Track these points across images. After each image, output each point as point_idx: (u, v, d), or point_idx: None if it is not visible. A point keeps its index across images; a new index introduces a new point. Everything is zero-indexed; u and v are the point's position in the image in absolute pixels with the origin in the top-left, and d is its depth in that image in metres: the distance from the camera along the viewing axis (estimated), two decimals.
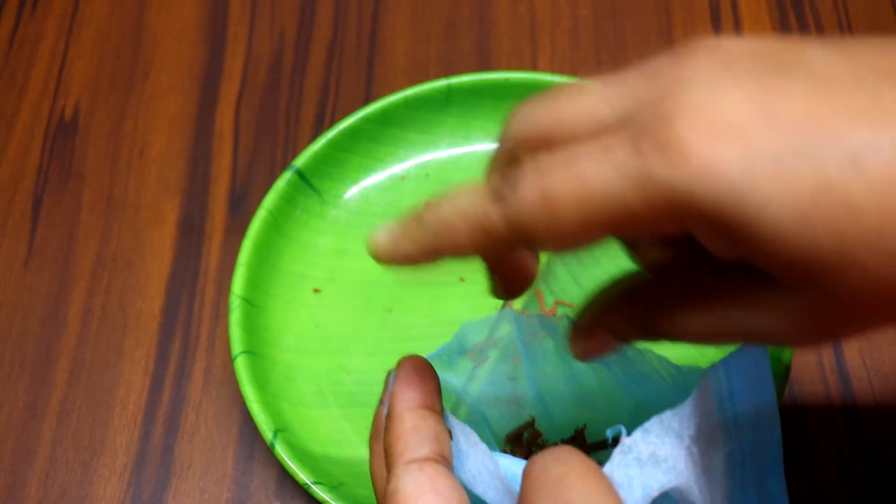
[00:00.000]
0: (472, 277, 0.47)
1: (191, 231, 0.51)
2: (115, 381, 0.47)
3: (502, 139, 0.29)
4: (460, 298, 0.47)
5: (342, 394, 0.45)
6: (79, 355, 0.48)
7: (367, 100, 0.54)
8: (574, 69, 0.55)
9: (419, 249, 0.29)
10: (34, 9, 0.59)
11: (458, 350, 0.40)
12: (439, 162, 0.51)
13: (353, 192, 0.50)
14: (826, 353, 0.46)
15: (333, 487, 0.40)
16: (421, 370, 0.32)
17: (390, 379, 0.32)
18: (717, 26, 0.56)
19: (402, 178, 0.50)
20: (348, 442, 0.44)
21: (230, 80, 0.56)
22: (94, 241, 0.51)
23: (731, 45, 0.25)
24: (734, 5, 0.57)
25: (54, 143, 0.54)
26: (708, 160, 0.23)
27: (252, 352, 0.43)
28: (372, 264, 0.48)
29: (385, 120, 0.50)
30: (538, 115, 0.28)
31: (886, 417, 0.45)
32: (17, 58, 0.57)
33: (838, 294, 0.24)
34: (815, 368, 0.46)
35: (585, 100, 0.27)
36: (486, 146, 0.51)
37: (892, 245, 0.23)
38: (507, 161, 0.29)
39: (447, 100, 0.50)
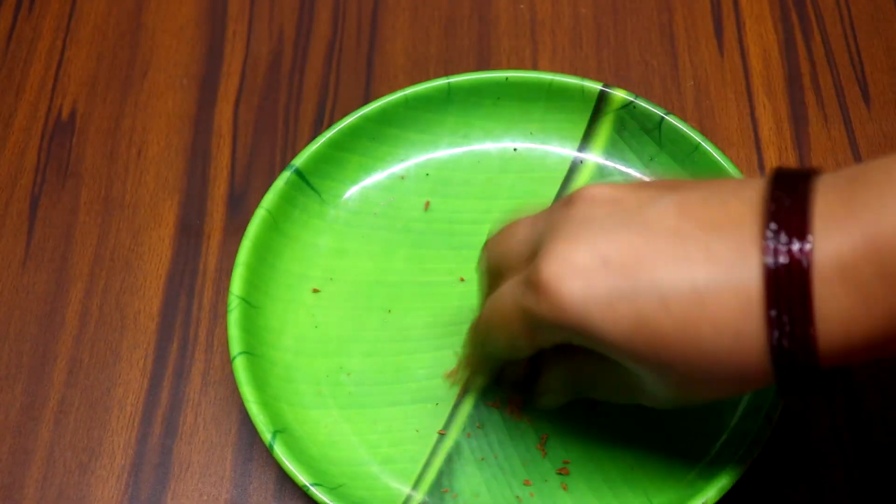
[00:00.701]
0: (471, 277, 0.47)
1: (189, 231, 0.51)
2: (112, 381, 0.47)
3: (481, 267, 0.41)
4: (460, 298, 0.47)
5: (341, 394, 0.45)
6: (76, 356, 0.48)
7: (367, 99, 0.54)
8: (574, 68, 0.55)
9: (474, 376, 0.45)
10: (31, 8, 0.59)
11: None
12: (439, 161, 0.50)
13: (352, 191, 0.50)
14: None
15: (332, 489, 0.40)
16: None
17: None
18: (718, 25, 0.56)
19: (401, 177, 0.50)
20: (347, 443, 0.43)
21: (229, 79, 0.56)
22: (92, 241, 0.51)
23: (599, 194, 0.34)
24: (735, 4, 0.57)
25: (52, 142, 0.54)
26: (560, 295, 0.32)
27: (251, 352, 0.43)
28: (371, 264, 0.48)
29: (385, 119, 0.49)
30: (492, 253, 0.40)
31: (888, 419, 0.45)
32: (14, 57, 0.57)
33: (666, 382, 0.34)
34: None
35: (516, 238, 0.37)
36: (486, 146, 0.51)
37: (694, 360, 0.32)
38: (489, 284, 0.40)
39: (447, 99, 0.50)
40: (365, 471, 0.43)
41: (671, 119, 0.48)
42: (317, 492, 0.40)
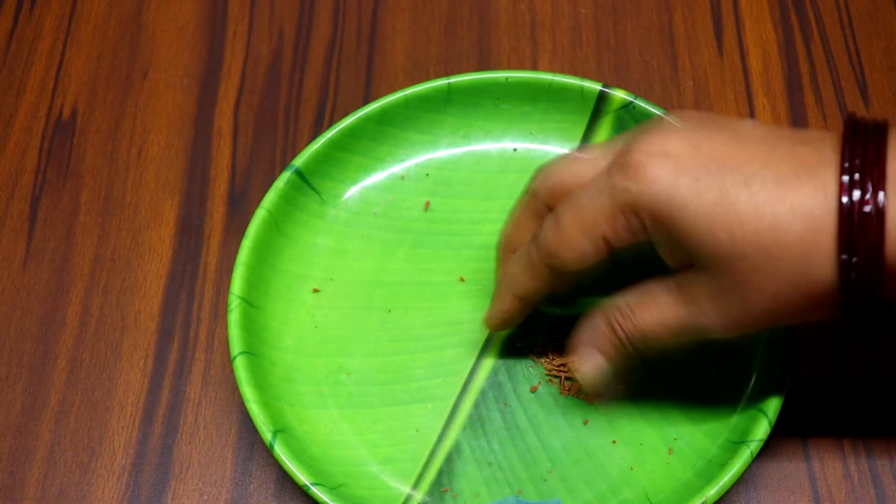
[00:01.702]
0: (471, 277, 0.47)
1: (189, 231, 0.51)
2: (113, 381, 0.47)
3: (531, 190, 0.41)
4: (460, 298, 0.47)
5: (341, 394, 0.45)
6: (77, 356, 0.48)
7: (367, 99, 0.54)
8: (574, 68, 0.55)
9: (512, 307, 0.42)
10: (32, 8, 0.59)
11: None
12: (439, 161, 0.50)
13: (352, 191, 0.50)
14: (826, 354, 0.46)
15: (333, 488, 0.40)
16: None
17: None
18: (717, 26, 0.56)
19: (401, 177, 0.50)
20: (347, 442, 0.43)
21: (229, 80, 0.56)
22: (93, 241, 0.51)
23: (687, 115, 0.37)
24: (735, 4, 0.57)
25: (52, 142, 0.54)
26: (651, 174, 0.35)
27: (251, 352, 0.43)
28: (371, 264, 0.48)
29: (385, 119, 0.49)
30: (560, 173, 0.40)
31: (889, 421, 0.45)
32: (15, 57, 0.57)
33: (736, 277, 0.34)
34: (815, 367, 0.46)
35: (587, 159, 0.39)
36: (486, 146, 0.51)
37: (767, 245, 0.33)
38: (535, 210, 0.41)
39: (447, 99, 0.50)
40: (365, 470, 0.43)
41: (671, 119, 0.48)
42: (317, 491, 0.40)
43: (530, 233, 0.41)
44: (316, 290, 0.47)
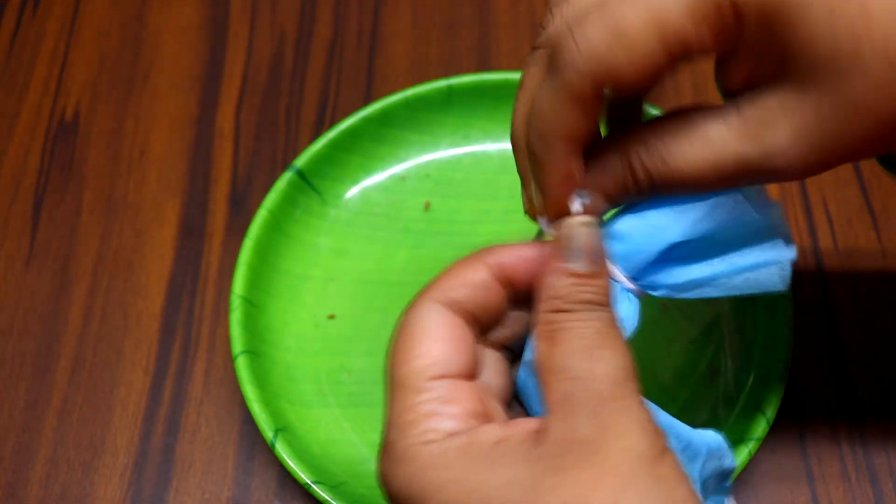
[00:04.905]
0: None
1: (191, 231, 0.51)
2: (115, 380, 0.47)
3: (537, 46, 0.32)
4: None
5: (342, 393, 0.45)
6: (79, 355, 0.48)
7: (368, 100, 0.54)
8: None
9: (555, 161, 0.30)
10: (35, 10, 0.59)
11: None
12: (440, 162, 0.51)
13: (353, 192, 0.50)
14: (826, 354, 0.46)
15: (334, 487, 0.40)
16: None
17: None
18: None
19: (402, 178, 0.50)
20: (349, 441, 0.44)
21: (231, 81, 0.56)
22: (95, 241, 0.51)
23: None
24: None
25: (55, 143, 0.54)
26: None
27: (252, 351, 0.43)
28: (372, 264, 0.48)
29: (385, 120, 0.50)
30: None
31: (886, 419, 0.45)
32: (18, 59, 0.57)
33: (846, 93, 0.27)
34: (815, 367, 0.46)
35: None
36: (486, 146, 0.51)
37: (872, 45, 0.26)
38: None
39: (447, 100, 0.50)
40: (366, 469, 0.43)
41: None
42: (318, 490, 0.40)
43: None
44: (317, 291, 0.47)
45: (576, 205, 0.30)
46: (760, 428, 0.40)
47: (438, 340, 0.29)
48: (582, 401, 0.27)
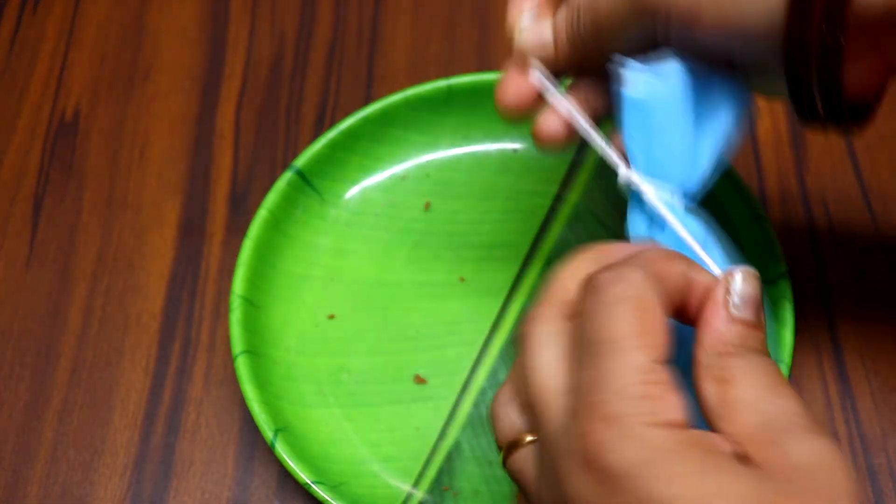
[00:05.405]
0: (471, 277, 0.47)
1: (191, 231, 0.51)
2: (115, 380, 0.47)
3: None
4: (460, 298, 0.47)
5: (342, 393, 0.45)
6: (79, 355, 0.48)
7: (368, 100, 0.54)
8: None
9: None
10: (35, 10, 0.59)
11: None
12: (440, 162, 0.51)
13: (353, 192, 0.50)
14: (826, 353, 0.46)
15: (334, 487, 0.40)
16: None
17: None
18: None
19: (402, 178, 0.50)
20: (348, 441, 0.44)
21: (231, 81, 0.56)
22: (95, 242, 0.51)
23: None
24: None
25: (55, 143, 0.54)
26: None
27: (253, 351, 0.43)
28: (372, 264, 0.48)
29: (385, 120, 0.50)
30: None
31: (885, 419, 0.45)
32: (18, 59, 0.57)
33: None
34: (815, 367, 0.46)
35: None
36: (486, 146, 0.51)
37: None
38: None
39: (447, 100, 0.50)
40: (366, 469, 0.43)
41: None
42: (318, 490, 0.40)
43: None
44: (317, 290, 0.47)
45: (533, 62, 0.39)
46: None
47: (664, 326, 0.28)
48: (784, 430, 0.27)
